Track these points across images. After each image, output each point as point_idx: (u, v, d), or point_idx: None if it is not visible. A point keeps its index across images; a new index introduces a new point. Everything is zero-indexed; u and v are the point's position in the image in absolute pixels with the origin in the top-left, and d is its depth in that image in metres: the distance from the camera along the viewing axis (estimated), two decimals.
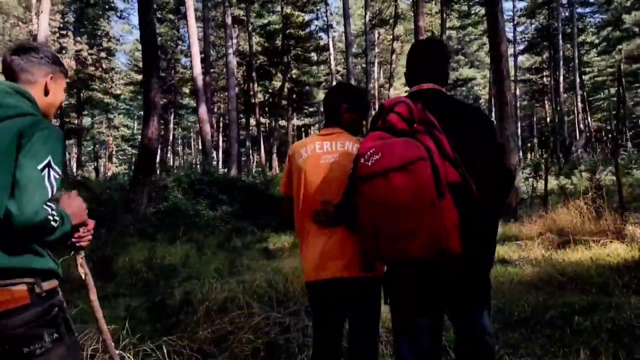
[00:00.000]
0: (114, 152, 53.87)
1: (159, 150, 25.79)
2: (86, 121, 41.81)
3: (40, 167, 1.46)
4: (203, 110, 22.83)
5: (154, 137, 10.86)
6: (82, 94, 39.10)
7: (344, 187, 2.13)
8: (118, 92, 46.85)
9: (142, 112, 39.24)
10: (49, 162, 1.49)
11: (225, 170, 23.98)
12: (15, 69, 1.68)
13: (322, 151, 2.29)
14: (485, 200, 1.84)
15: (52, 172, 1.49)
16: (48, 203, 1.44)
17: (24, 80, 1.68)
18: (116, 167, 49.97)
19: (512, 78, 49.10)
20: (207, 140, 22.15)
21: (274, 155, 38.23)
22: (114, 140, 51.35)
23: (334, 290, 2.21)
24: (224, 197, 11.50)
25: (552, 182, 12.05)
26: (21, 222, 1.39)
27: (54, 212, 1.45)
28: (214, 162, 42.61)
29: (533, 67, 48.35)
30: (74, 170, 34.25)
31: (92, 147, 52.92)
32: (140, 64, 44.58)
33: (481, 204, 1.83)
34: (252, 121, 41.57)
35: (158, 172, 17.24)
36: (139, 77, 46.74)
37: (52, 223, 1.44)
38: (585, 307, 4.00)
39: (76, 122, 37.57)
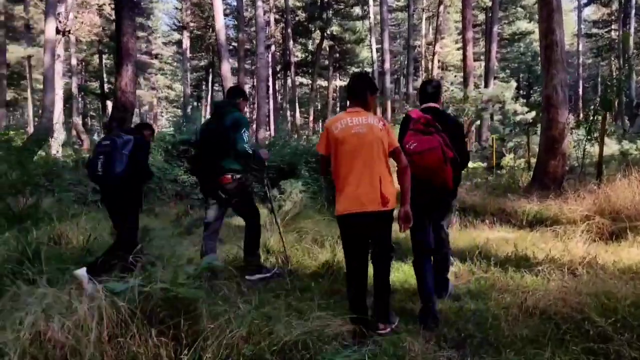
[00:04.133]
0: (160, 114, 53.35)
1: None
2: None
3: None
4: (226, 67, 21.30)
5: (129, 90, 9.36)
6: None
7: (369, 147, 3.40)
8: (157, 51, 45.97)
9: (186, 73, 37.85)
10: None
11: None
12: None
13: (352, 124, 3.44)
14: (460, 165, 3.85)
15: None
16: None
17: None
18: (165, 129, 49.45)
19: (575, 32, 44.55)
20: None
21: (311, 117, 36.36)
22: (158, 103, 50.65)
23: (364, 218, 3.37)
24: None
25: (613, 147, 9.64)
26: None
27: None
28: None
29: (600, 20, 43.54)
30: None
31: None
32: (180, 23, 43.11)
33: (459, 167, 3.84)
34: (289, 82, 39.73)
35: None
36: (179, 36, 45.67)
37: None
38: None
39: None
